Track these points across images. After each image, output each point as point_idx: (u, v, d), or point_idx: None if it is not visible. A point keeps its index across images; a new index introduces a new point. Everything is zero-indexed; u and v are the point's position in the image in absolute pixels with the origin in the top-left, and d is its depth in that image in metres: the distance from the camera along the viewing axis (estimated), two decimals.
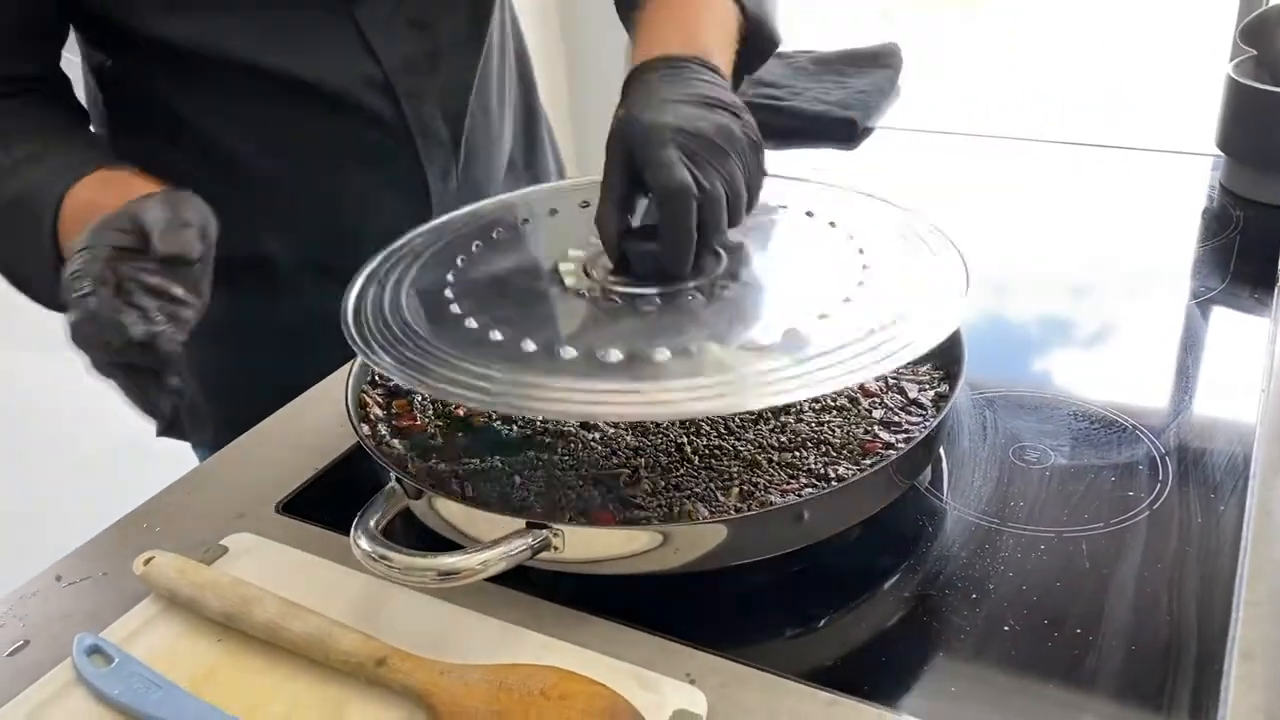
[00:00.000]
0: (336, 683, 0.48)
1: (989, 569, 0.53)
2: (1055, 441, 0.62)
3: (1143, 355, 0.72)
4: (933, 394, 0.61)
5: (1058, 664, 0.48)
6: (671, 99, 0.59)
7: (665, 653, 0.50)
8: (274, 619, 0.49)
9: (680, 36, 0.66)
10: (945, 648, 0.49)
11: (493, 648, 0.49)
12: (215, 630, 0.51)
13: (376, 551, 0.48)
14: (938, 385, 0.62)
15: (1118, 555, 0.54)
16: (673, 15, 0.69)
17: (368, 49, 0.73)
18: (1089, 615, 0.50)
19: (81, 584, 0.56)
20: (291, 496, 0.62)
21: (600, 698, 0.44)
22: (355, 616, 0.50)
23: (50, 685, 0.49)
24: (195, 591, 0.51)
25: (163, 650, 0.50)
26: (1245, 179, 0.93)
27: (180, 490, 0.63)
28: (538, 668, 0.46)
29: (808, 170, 1.04)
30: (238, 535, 0.58)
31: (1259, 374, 0.68)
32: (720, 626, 0.51)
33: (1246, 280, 0.79)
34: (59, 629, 0.53)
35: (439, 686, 0.46)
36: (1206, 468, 0.60)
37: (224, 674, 0.49)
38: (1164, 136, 1.06)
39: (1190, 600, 0.51)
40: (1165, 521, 0.56)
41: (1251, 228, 0.87)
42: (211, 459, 0.66)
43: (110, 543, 0.59)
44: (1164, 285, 0.80)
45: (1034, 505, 0.58)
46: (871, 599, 0.53)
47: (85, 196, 0.63)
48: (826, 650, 0.51)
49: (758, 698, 0.47)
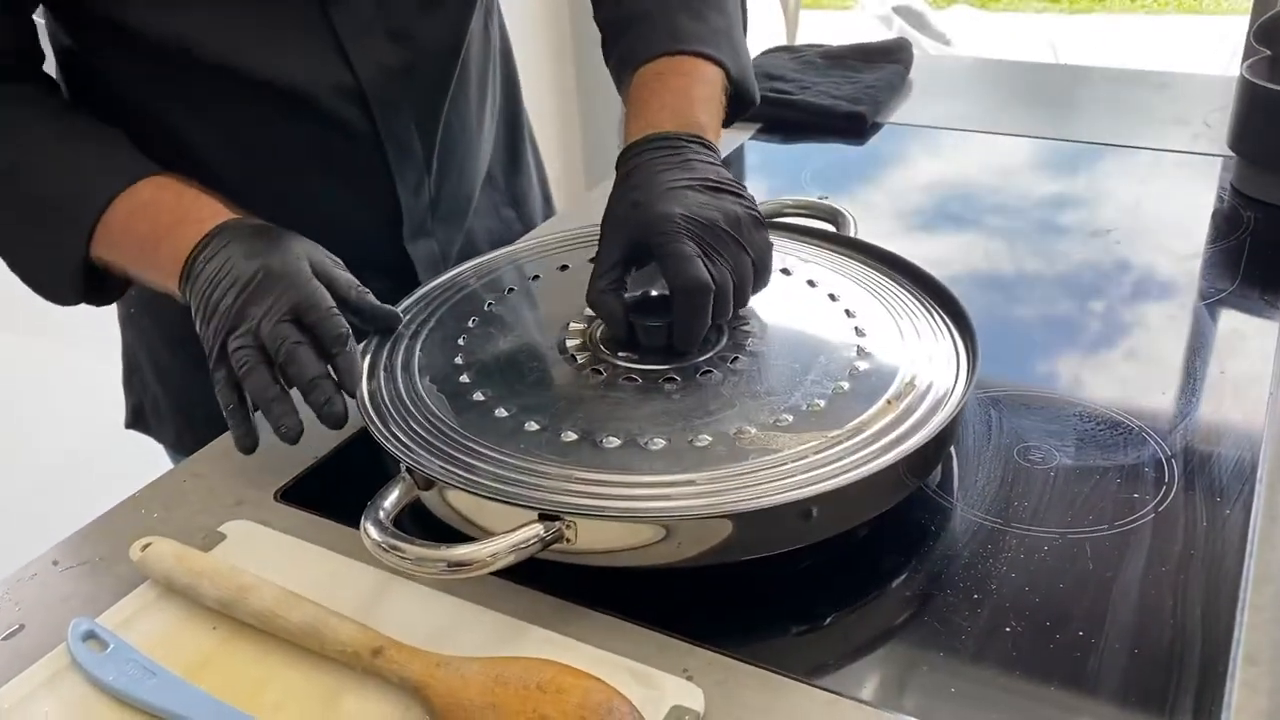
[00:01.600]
0: (332, 672, 0.48)
1: (992, 569, 0.53)
2: (1060, 442, 0.62)
3: (1150, 356, 0.71)
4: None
5: (1060, 666, 0.48)
6: (677, 185, 0.61)
7: (663, 649, 0.49)
8: (270, 607, 0.49)
9: (676, 111, 0.68)
10: (946, 648, 0.49)
11: (490, 641, 0.49)
12: (211, 618, 0.51)
13: (387, 542, 0.48)
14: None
15: (1122, 557, 0.53)
16: (666, 86, 0.70)
17: (343, 56, 0.71)
18: (1092, 617, 0.50)
19: (78, 568, 0.56)
20: (290, 485, 0.61)
21: (597, 692, 0.44)
22: (352, 606, 0.50)
23: (45, 669, 0.48)
24: (192, 578, 0.51)
25: (158, 637, 0.50)
26: (1257, 180, 0.92)
27: (179, 477, 0.63)
28: (534, 661, 0.46)
29: (817, 167, 1.04)
30: (236, 522, 0.57)
31: (1267, 377, 0.67)
32: (719, 623, 0.51)
33: (1256, 282, 0.79)
34: (55, 613, 0.53)
35: (435, 678, 0.45)
36: (1213, 471, 0.59)
37: (219, 662, 0.49)
38: (1174, 137, 1.05)
39: (1194, 604, 0.50)
40: (1170, 524, 0.55)
41: (1262, 229, 0.87)
42: (210, 445, 0.66)
43: (108, 528, 0.59)
44: (1173, 286, 0.80)
45: (1038, 506, 0.57)
46: (874, 598, 0.53)
47: (147, 197, 0.64)
48: (826, 648, 0.50)
49: (756, 695, 0.47)
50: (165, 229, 0.63)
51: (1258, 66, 0.93)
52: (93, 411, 0.95)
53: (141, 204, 0.64)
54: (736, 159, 1.07)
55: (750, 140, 1.11)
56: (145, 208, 0.64)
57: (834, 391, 0.57)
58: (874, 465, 0.51)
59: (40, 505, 1.31)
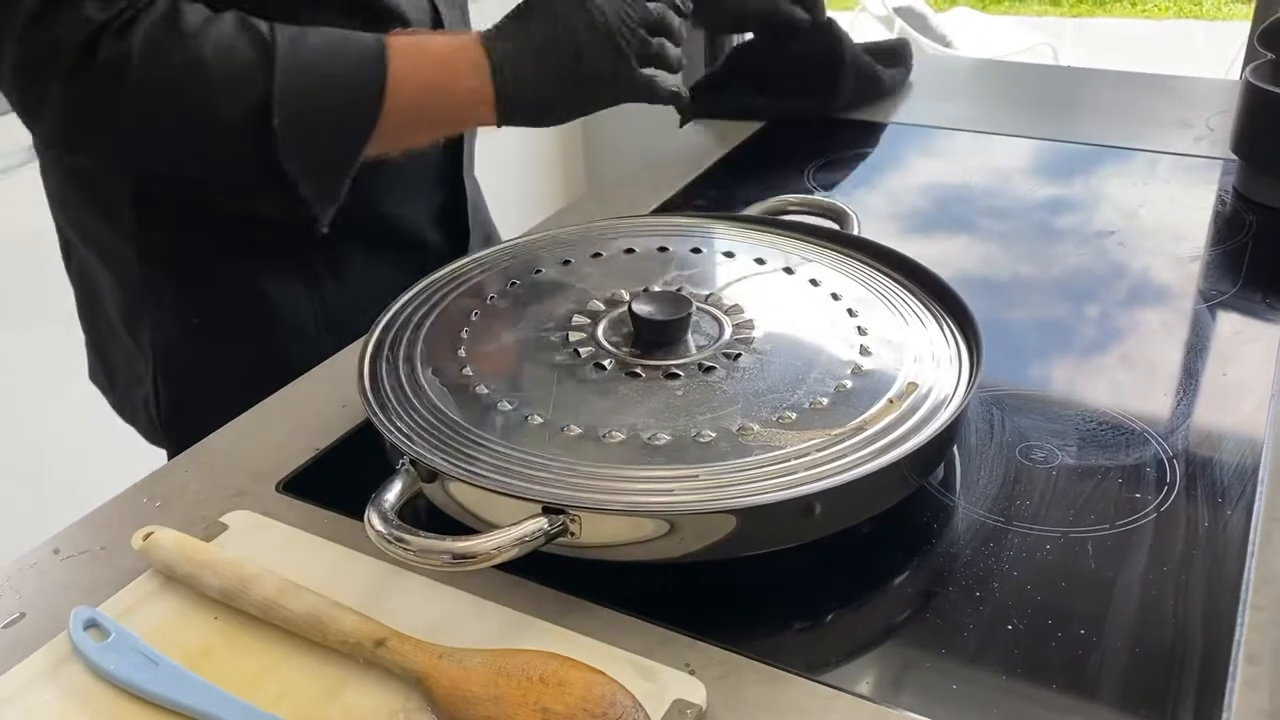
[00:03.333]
0: (334, 663, 0.48)
1: (993, 567, 0.53)
2: (1063, 442, 0.62)
3: (1152, 358, 0.71)
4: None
5: (1061, 665, 0.48)
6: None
7: (666, 643, 0.49)
8: (272, 597, 0.49)
9: None
10: (948, 645, 0.49)
11: (492, 633, 0.49)
12: (213, 608, 0.51)
13: (392, 533, 0.47)
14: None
15: (1123, 557, 0.53)
16: None
17: None
18: (1093, 617, 0.50)
19: (79, 557, 0.56)
20: (292, 476, 0.61)
21: (599, 685, 0.44)
22: (354, 597, 0.50)
23: (46, 658, 0.48)
24: (194, 568, 0.51)
25: (159, 626, 0.50)
26: (1259, 184, 0.92)
27: (181, 466, 0.63)
28: (537, 653, 0.46)
29: (819, 166, 1.04)
30: (237, 513, 0.57)
31: (1269, 380, 0.67)
32: (722, 618, 0.51)
33: (1258, 285, 0.79)
34: (56, 602, 0.52)
35: (437, 669, 0.45)
36: (1214, 472, 0.59)
37: (220, 652, 0.49)
38: (1176, 139, 1.05)
39: (1196, 604, 0.50)
40: (1172, 525, 0.55)
41: (1264, 233, 0.87)
42: (212, 436, 0.66)
43: (110, 517, 0.59)
44: (1174, 288, 0.80)
45: (1040, 505, 0.57)
46: (876, 594, 0.53)
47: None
48: (827, 644, 0.50)
49: (758, 690, 0.47)
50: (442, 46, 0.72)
51: (1261, 70, 0.93)
52: (94, 400, 0.94)
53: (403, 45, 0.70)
54: (739, 157, 1.07)
55: (752, 138, 1.11)
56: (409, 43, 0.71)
57: (837, 389, 0.57)
58: (877, 463, 0.52)
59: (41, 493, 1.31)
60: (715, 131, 1.12)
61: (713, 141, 1.10)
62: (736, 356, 0.60)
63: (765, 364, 0.60)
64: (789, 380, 0.58)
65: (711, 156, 1.06)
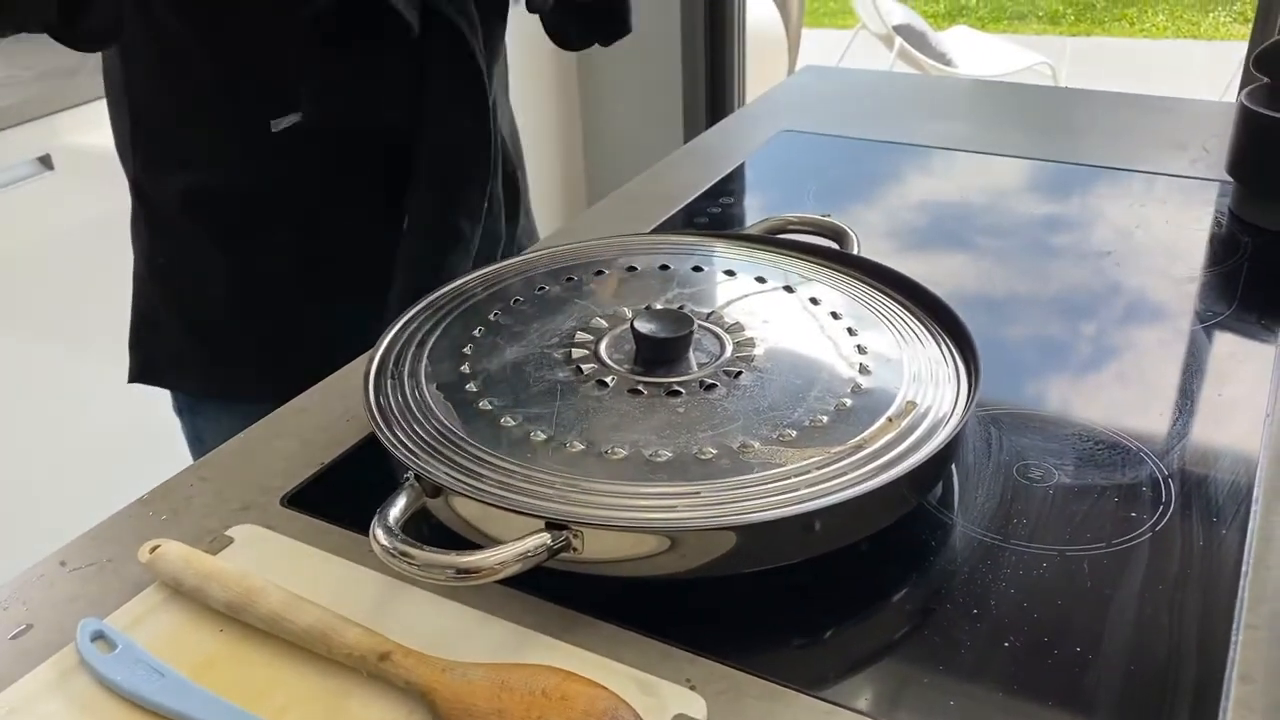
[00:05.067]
0: (338, 676, 0.48)
1: (991, 585, 0.54)
2: (1059, 460, 0.63)
3: (1147, 378, 0.72)
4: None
5: (1057, 682, 0.48)
6: None
7: (666, 658, 0.50)
8: (277, 611, 0.50)
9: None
10: (945, 662, 0.49)
11: (495, 647, 0.50)
12: (218, 620, 0.51)
13: (396, 548, 0.48)
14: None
15: (1119, 576, 0.54)
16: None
17: None
18: (1089, 634, 0.51)
19: (87, 569, 0.56)
20: (297, 490, 0.62)
21: (601, 699, 0.45)
22: (359, 611, 0.51)
23: (53, 669, 0.49)
24: (200, 581, 0.52)
25: (165, 638, 0.50)
26: (1254, 206, 0.93)
27: (187, 480, 0.63)
28: (540, 668, 0.46)
29: (819, 185, 1.04)
30: (243, 526, 0.58)
31: (1264, 400, 0.68)
32: (722, 634, 0.51)
33: (1253, 306, 0.80)
34: (63, 614, 0.53)
35: (441, 683, 0.46)
36: (1209, 492, 0.60)
37: (225, 664, 0.49)
38: (1172, 161, 1.06)
39: (1191, 622, 0.51)
40: (1167, 544, 0.56)
41: (1260, 255, 0.88)
42: (218, 450, 0.66)
43: (116, 529, 0.59)
44: (1170, 308, 0.80)
45: (1037, 523, 0.58)
46: (874, 611, 0.53)
47: None
48: (826, 660, 0.51)
49: (758, 705, 0.47)
50: None
51: (1256, 94, 0.94)
52: (101, 413, 0.95)
53: None
54: (738, 176, 1.08)
55: (751, 158, 1.12)
56: None
57: (837, 408, 0.58)
58: (876, 481, 0.52)
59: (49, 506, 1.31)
60: (716, 150, 1.13)
61: (714, 160, 1.11)
62: (737, 374, 0.61)
63: (766, 382, 0.60)
64: (789, 398, 0.59)
65: (713, 175, 1.07)
